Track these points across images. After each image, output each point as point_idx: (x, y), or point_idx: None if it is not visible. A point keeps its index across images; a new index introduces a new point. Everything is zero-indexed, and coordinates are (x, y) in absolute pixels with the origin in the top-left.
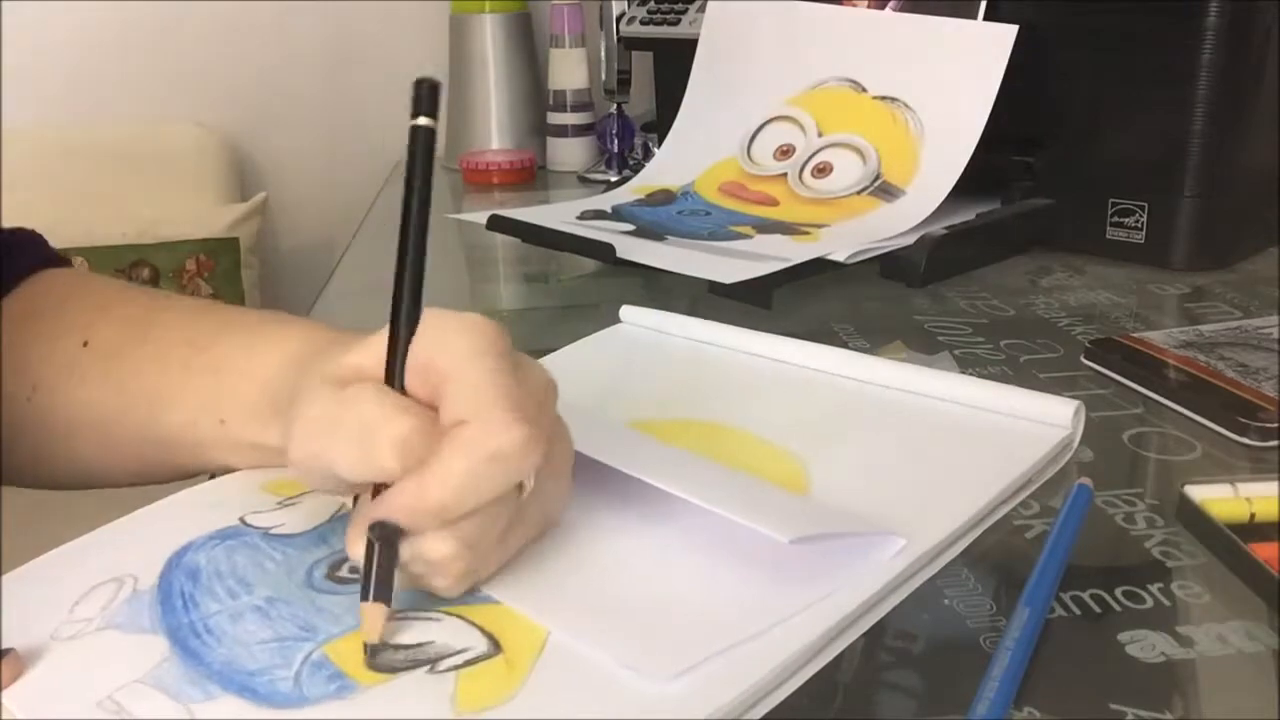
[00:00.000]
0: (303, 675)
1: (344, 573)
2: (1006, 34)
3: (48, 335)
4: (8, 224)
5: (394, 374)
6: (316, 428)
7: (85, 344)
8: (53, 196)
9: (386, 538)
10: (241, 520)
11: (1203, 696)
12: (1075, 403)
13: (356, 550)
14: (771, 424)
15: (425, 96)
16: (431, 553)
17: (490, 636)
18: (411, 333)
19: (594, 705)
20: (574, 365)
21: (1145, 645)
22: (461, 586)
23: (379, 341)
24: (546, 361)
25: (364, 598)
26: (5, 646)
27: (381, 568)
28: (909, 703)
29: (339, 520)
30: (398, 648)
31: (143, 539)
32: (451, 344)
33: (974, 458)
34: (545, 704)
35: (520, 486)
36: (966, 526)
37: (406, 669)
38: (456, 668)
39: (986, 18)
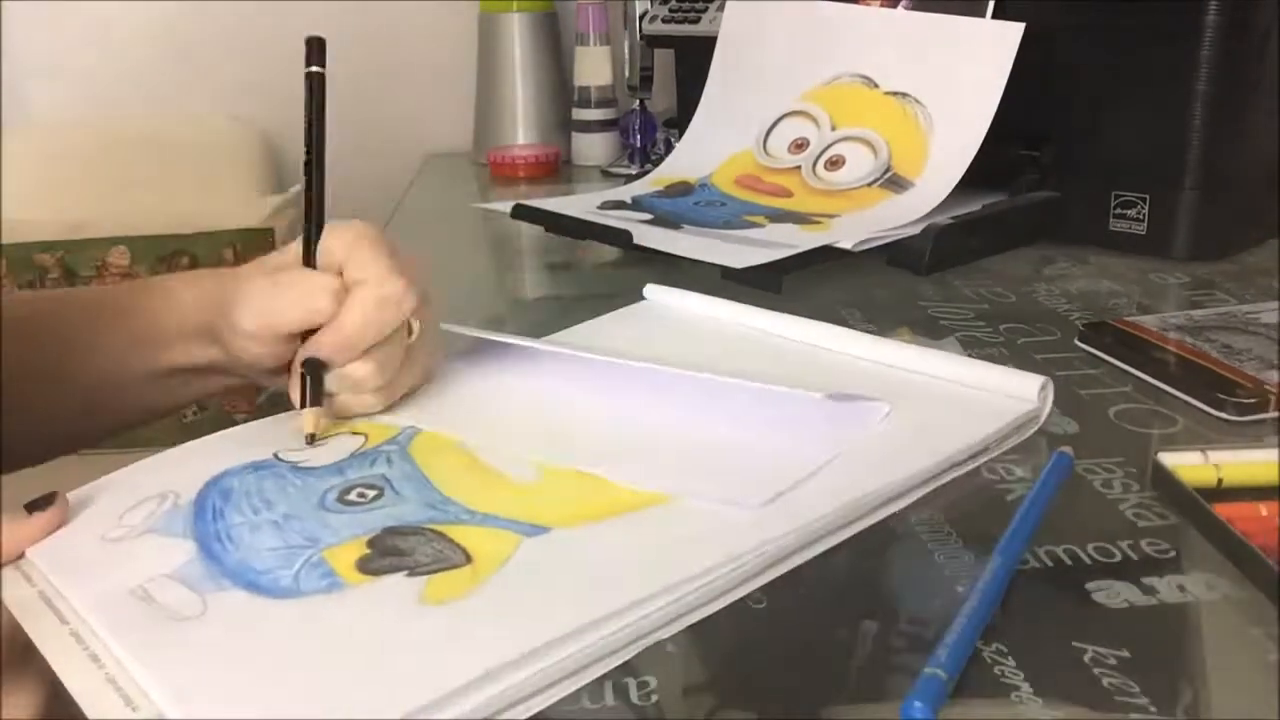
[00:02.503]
0: (301, 574)
1: (352, 497)
2: (1013, 31)
3: None
4: (56, 213)
5: (309, 257)
6: (267, 295)
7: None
8: (96, 188)
9: (314, 368)
10: (275, 455)
11: (1158, 639)
12: (1041, 378)
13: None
14: None
15: (315, 50)
16: (354, 373)
17: (465, 551)
18: (318, 234)
19: (532, 600)
20: (596, 335)
21: (1111, 593)
22: (380, 402)
23: (295, 244)
24: (571, 331)
25: (302, 405)
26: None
27: (314, 385)
28: (884, 652)
29: (357, 457)
30: (385, 555)
31: (189, 465)
32: (345, 236)
33: (938, 423)
34: (493, 598)
35: (410, 330)
36: (916, 481)
37: (390, 573)
38: (430, 573)
39: (994, 16)
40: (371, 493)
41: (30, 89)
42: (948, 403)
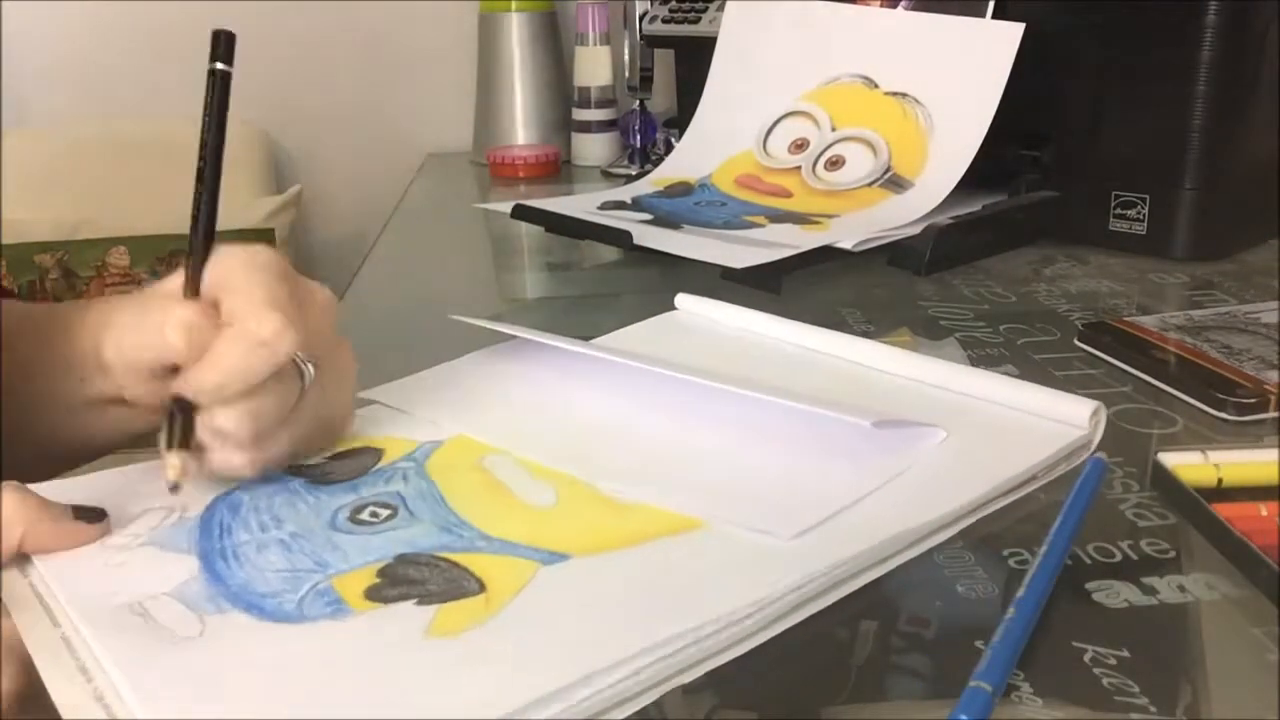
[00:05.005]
0: (306, 600)
1: (365, 516)
2: (1013, 32)
3: None
4: (56, 213)
5: (189, 286)
6: (128, 326)
7: None
8: (96, 188)
9: (182, 407)
10: (289, 467)
11: (1158, 639)
12: (1094, 403)
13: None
14: None
15: (223, 45)
16: (219, 422)
17: (479, 580)
18: (205, 256)
19: (546, 636)
20: (623, 345)
21: (1111, 593)
22: (253, 464)
23: (179, 273)
24: (601, 342)
25: (169, 447)
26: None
27: (183, 428)
28: (908, 649)
29: (374, 473)
30: (396, 584)
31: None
32: (230, 263)
33: (983, 450)
34: (502, 634)
35: (301, 377)
36: (960, 513)
37: (398, 601)
38: (441, 602)
39: (994, 16)
40: (385, 512)
41: (30, 89)
42: (995, 428)
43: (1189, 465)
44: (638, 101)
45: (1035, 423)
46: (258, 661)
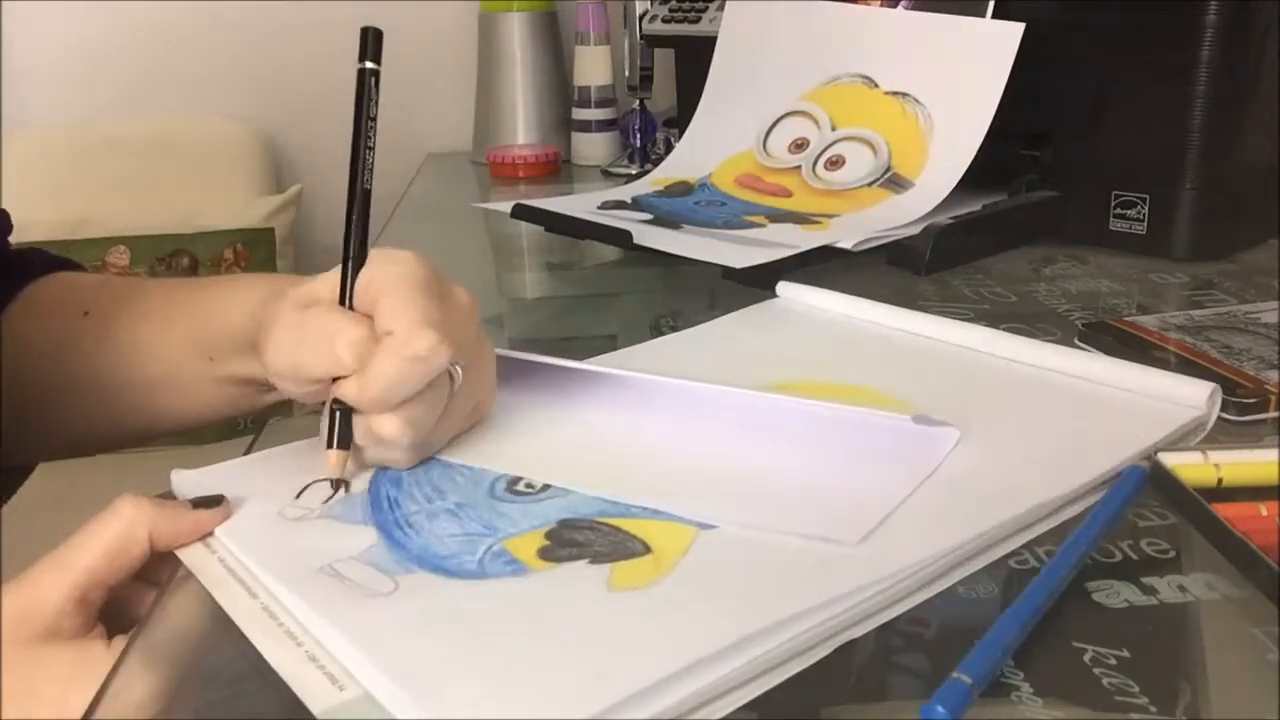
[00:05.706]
0: (485, 560)
1: (520, 487)
2: (1013, 32)
3: (53, 313)
4: (56, 213)
5: (345, 296)
6: (289, 340)
7: (86, 314)
8: (96, 188)
9: (344, 409)
10: None
11: (1158, 639)
12: (1211, 384)
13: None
14: (911, 390)
15: (371, 43)
16: (380, 430)
17: (642, 542)
18: (360, 265)
19: (720, 594)
20: (727, 333)
21: (1111, 593)
22: (412, 459)
23: (333, 274)
24: (704, 329)
25: (329, 446)
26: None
27: (341, 427)
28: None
29: None
30: (565, 545)
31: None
32: (385, 272)
33: (1104, 429)
34: (680, 589)
35: (451, 380)
36: (1080, 491)
37: (570, 560)
38: (612, 561)
39: (994, 16)
40: (539, 483)
41: (30, 89)
42: (1109, 409)
43: (1189, 465)
44: (638, 101)
45: (1150, 404)
46: (457, 611)
